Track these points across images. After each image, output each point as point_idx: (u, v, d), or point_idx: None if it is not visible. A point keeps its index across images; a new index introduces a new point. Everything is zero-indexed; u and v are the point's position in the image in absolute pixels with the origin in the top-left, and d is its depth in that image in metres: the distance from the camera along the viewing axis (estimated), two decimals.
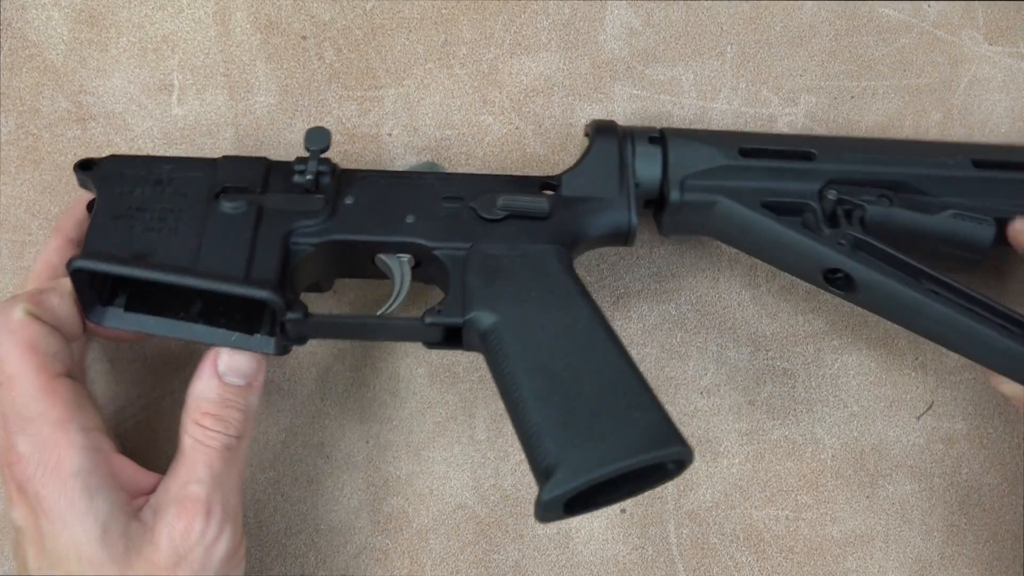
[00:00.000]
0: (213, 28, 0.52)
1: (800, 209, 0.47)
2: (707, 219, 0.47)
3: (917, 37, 0.54)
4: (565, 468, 0.37)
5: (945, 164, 0.48)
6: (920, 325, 0.45)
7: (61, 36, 0.51)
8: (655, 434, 0.38)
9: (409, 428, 0.53)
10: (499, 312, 0.41)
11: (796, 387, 0.54)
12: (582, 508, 0.39)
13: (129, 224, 0.42)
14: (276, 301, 0.40)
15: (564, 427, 0.38)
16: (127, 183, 0.44)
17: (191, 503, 0.40)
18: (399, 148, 0.53)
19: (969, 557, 0.54)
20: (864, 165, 0.48)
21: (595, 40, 0.53)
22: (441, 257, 0.44)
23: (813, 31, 0.54)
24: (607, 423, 0.38)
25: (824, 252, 0.45)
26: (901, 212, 0.47)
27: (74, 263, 0.40)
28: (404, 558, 0.52)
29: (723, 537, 0.53)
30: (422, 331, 0.42)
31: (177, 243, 0.42)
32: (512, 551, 0.52)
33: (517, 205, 0.45)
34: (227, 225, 0.43)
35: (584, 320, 0.41)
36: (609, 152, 0.47)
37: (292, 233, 0.43)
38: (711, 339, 0.54)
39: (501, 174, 0.48)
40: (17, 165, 0.51)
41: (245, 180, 0.44)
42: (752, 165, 0.47)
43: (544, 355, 0.40)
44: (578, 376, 0.40)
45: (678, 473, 0.40)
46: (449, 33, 0.53)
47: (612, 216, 0.46)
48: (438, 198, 0.45)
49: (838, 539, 0.53)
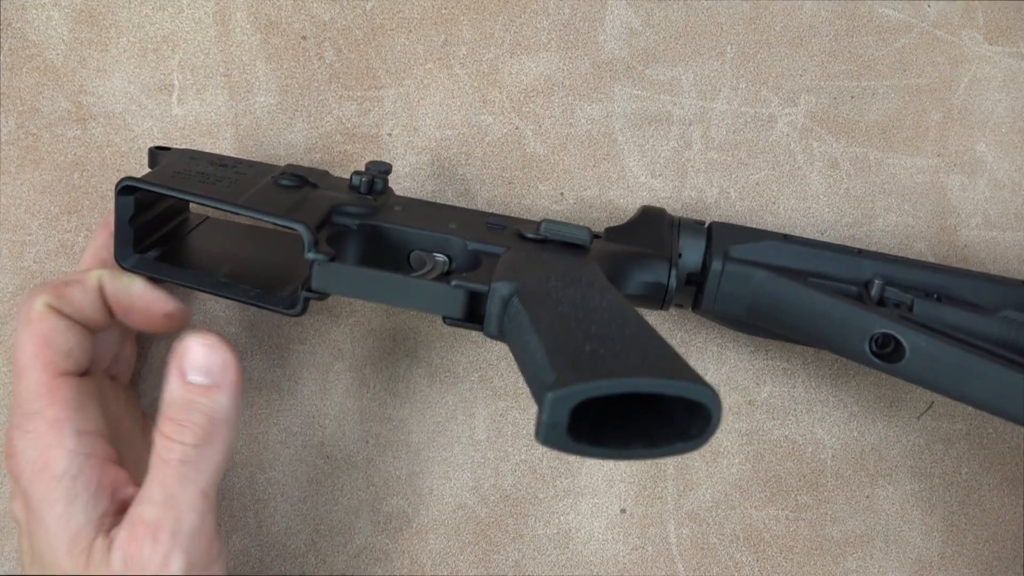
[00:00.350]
0: (213, 28, 0.52)
1: (845, 293, 0.46)
2: (747, 291, 0.46)
3: (917, 37, 0.54)
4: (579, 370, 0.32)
5: (992, 280, 0.47)
6: (974, 389, 0.43)
7: (61, 36, 0.51)
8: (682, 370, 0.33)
9: (409, 428, 0.53)
10: (524, 283, 0.40)
11: (796, 387, 0.54)
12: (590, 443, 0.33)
13: (187, 177, 0.44)
14: (307, 233, 0.40)
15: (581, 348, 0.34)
16: (195, 161, 0.46)
17: (140, 526, 0.38)
18: (399, 148, 0.53)
19: (969, 557, 0.54)
20: (909, 268, 0.47)
21: (595, 40, 0.53)
22: (476, 252, 0.44)
23: (813, 31, 0.54)
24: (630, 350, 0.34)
25: (872, 318, 0.43)
26: (950, 310, 0.45)
27: (124, 180, 0.41)
28: (404, 558, 0.52)
29: (723, 537, 0.53)
30: (446, 295, 0.41)
31: (227, 191, 0.43)
32: (512, 551, 0.52)
33: (559, 230, 0.45)
34: (278, 189, 0.44)
35: (611, 297, 0.39)
36: (656, 219, 0.48)
37: (337, 210, 0.44)
38: (711, 339, 0.54)
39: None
40: (17, 165, 0.51)
41: (304, 174, 0.46)
42: (797, 248, 0.47)
43: (567, 308, 0.37)
44: (602, 322, 0.36)
45: (701, 438, 0.33)
46: (449, 33, 0.53)
47: (651, 272, 0.46)
48: (483, 220, 0.46)
49: (838, 539, 0.53)
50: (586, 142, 0.53)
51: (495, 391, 0.53)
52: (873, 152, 0.54)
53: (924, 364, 0.43)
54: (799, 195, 0.54)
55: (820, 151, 0.54)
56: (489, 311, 0.40)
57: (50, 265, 0.52)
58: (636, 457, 0.34)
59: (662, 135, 0.53)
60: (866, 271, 0.47)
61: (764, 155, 0.54)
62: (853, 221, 0.54)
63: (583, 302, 0.38)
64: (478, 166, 0.53)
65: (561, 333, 0.35)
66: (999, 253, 0.54)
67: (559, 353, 0.33)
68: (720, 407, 0.33)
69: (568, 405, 0.31)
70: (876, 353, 0.44)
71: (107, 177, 0.52)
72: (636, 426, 0.34)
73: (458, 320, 0.41)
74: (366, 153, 0.53)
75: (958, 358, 0.42)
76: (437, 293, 0.41)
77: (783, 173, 0.54)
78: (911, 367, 0.43)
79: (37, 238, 0.52)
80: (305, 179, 0.46)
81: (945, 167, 0.54)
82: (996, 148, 0.54)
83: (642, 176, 0.53)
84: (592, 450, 0.33)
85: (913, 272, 0.47)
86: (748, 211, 0.54)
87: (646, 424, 0.34)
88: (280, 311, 0.42)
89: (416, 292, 0.41)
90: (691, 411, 0.33)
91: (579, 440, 0.32)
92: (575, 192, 0.53)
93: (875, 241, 0.54)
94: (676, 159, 0.53)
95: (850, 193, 0.54)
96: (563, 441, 0.32)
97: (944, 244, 0.54)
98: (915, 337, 0.43)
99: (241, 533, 0.52)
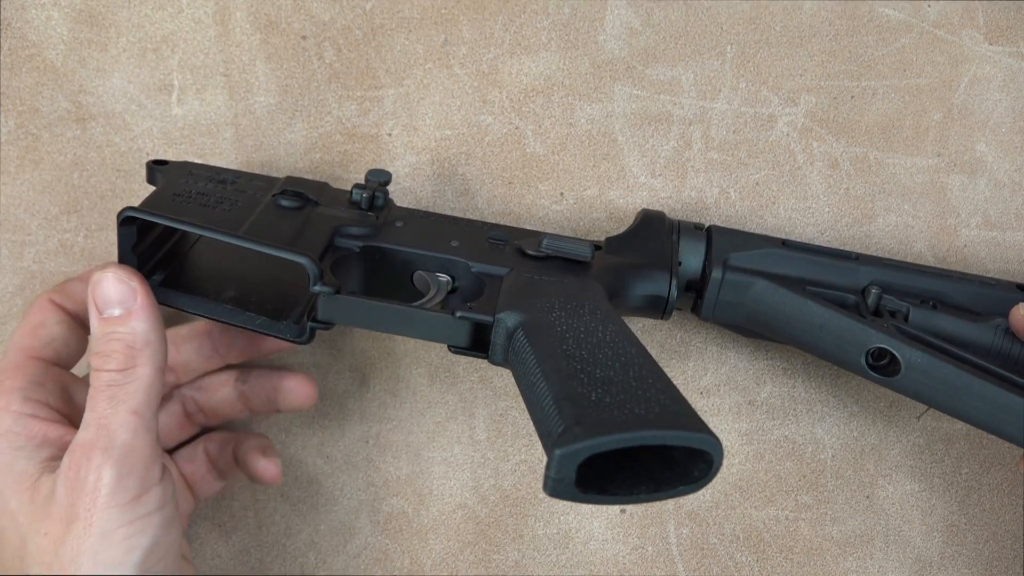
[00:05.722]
0: (213, 28, 0.52)
1: (843, 303, 0.47)
2: (747, 300, 0.46)
3: (917, 37, 0.54)
4: (586, 425, 0.33)
5: (989, 284, 0.48)
6: (967, 406, 0.44)
7: (61, 36, 0.51)
8: (686, 418, 0.35)
9: (409, 428, 0.53)
10: (529, 313, 0.40)
11: (796, 387, 0.54)
12: (596, 491, 0.34)
13: (186, 200, 0.44)
14: (312, 267, 0.40)
15: (587, 397, 0.35)
16: (193, 178, 0.46)
17: (77, 450, 0.39)
18: (399, 148, 0.53)
19: (969, 557, 0.54)
20: (907, 274, 0.48)
21: (595, 40, 0.53)
22: (479, 274, 0.44)
23: (813, 31, 0.54)
24: (635, 400, 0.35)
25: (869, 332, 0.44)
26: (945, 317, 0.46)
27: (125, 211, 0.41)
28: (404, 558, 0.52)
29: (723, 537, 0.53)
30: (451, 326, 0.41)
31: (228, 217, 0.43)
32: (512, 551, 0.52)
33: (560, 246, 0.45)
34: (279, 213, 0.44)
35: (615, 331, 0.40)
36: (656, 227, 0.48)
37: (339, 232, 0.44)
38: (711, 339, 0.54)
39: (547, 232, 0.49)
40: (17, 165, 0.51)
41: (303, 190, 0.46)
42: (795, 255, 0.47)
43: (571, 345, 0.38)
44: (607, 364, 0.37)
45: (704, 480, 0.35)
46: (449, 33, 0.53)
47: (652, 284, 0.46)
48: (485, 235, 0.47)
49: (838, 539, 0.53)
50: (586, 142, 0.53)
51: (495, 391, 0.53)
52: (873, 152, 0.54)
53: (919, 379, 0.44)
54: (799, 195, 0.54)
55: (820, 151, 0.54)
56: (494, 342, 0.41)
57: (50, 265, 0.52)
58: (641, 501, 0.35)
59: (662, 135, 0.53)
60: (864, 278, 0.47)
61: (764, 155, 0.54)
62: (853, 221, 0.54)
63: (587, 337, 0.38)
64: (478, 166, 0.53)
65: (566, 377, 0.35)
66: (999, 253, 0.54)
67: (565, 402, 0.34)
68: (722, 453, 0.34)
69: (575, 461, 0.33)
70: (872, 366, 0.44)
71: (107, 177, 0.52)
72: (640, 466, 0.35)
73: (463, 349, 0.42)
74: (366, 153, 0.53)
75: (952, 375, 0.43)
76: (442, 324, 0.42)
77: (783, 173, 0.54)
78: (906, 381, 0.44)
79: (37, 238, 0.52)
80: (305, 196, 0.45)
81: (945, 167, 0.54)
82: (996, 148, 0.54)
83: (642, 176, 0.53)
84: (599, 498, 0.34)
85: (910, 277, 0.47)
86: (748, 211, 0.54)
87: (650, 464, 0.35)
88: (288, 339, 0.42)
89: (421, 323, 0.42)
90: (694, 454, 0.34)
91: (586, 490, 0.34)
92: (575, 192, 0.53)
93: (875, 241, 0.54)
94: (676, 159, 0.53)
95: (850, 193, 0.54)
96: (571, 493, 0.34)
97: (944, 244, 0.54)
98: (910, 353, 0.43)
99: (241, 533, 0.52)
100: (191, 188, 0.45)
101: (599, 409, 0.34)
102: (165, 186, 0.45)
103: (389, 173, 0.46)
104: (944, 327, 0.46)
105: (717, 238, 0.47)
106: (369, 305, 0.41)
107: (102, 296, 0.41)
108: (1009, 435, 0.43)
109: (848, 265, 0.47)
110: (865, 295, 0.47)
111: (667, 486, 0.35)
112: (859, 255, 0.48)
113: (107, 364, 0.40)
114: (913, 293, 0.47)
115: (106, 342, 0.40)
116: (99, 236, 0.52)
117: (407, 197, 0.53)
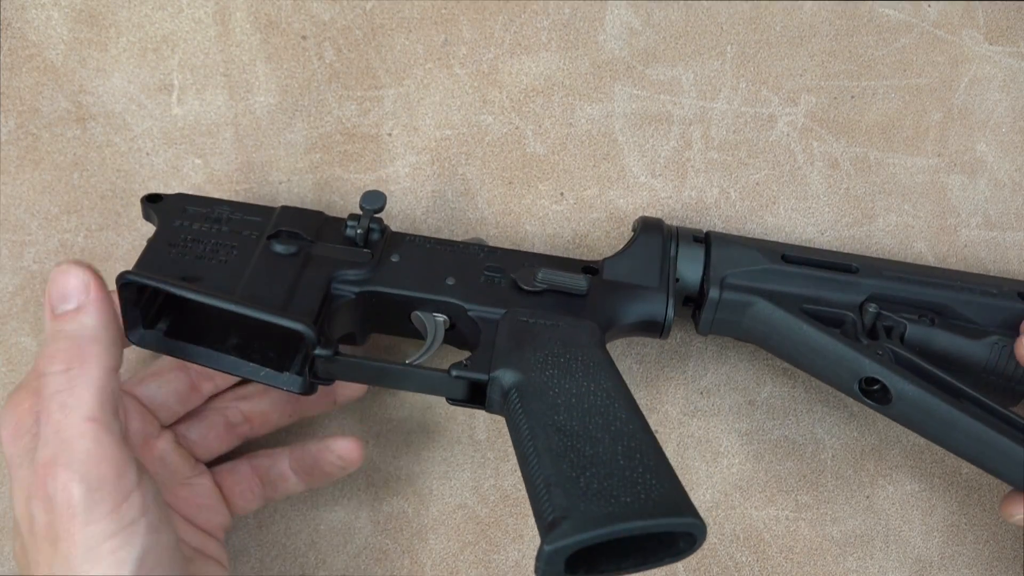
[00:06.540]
0: (213, 28, 0.52)
1: (839, 320, 0.47)
2: (744, 319, 0.47)
3: (917, 37, 0.54)
4: (574, 519, 0.36)
5: (990, 293, 0.48)
6: (954, 441, 0.44)
7: (61, 36, 0.51)
8: (670, 502, 0.37)
9: (409, 429, 0.53)
10: (524, 372, 0.41)
11: (796, 387, 0.54)
12: (584, 571, 0.37)
13: (182, 252, 0.44)
14: (309, 334, 0.41)
15: (576, 482, 0.37)
16: (187, 218, 0.46)
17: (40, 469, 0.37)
18: (399, 148, 0.53)
19: (969, 557, 0.54)
20: (907, 285, 0.48)
21: (595, 40, 0.53)
22: (475, 318, 0.45)
23: (813, 31, 0.54)
24: (622, 485, 0.37)
25: (862, 361, 0.44)
26: (942, 334, 0.46)
27: (124, 276, 0.41)
28: (404, 558, 0.52)
29: (723, 537, 0.53)
30: (447, 383, 0.42)
31: (224, 273, 0.43)
32: (512, 551, 0.52)
33: (556, 280, 0.45)
34: (274, 262, 0.44)
35: (608, 389, 0.41)
36: (653, 244, 0.48)
37: (335, 279, 0.45)
38: (711, 339, 0.54)
39: (544, 254, 0.49)
40: (17, 165, 0.51)
41: (299, 227, 0.46)
42: (794, 271, 0.47)
43: (563, 416, 0.40)
44: (596, 439, 0.39)
45: (689, 552, 0.38)
46: (449, 33, 0.53)
47: (649, 306, 0.47)
48: (480, 267, 0.47)
49: (838, 539, 0.53)
50: (586, 142, 0.53)
51: None
52: (873, 152, 0.54)
53: (909, 411, 0.44)
54: (799, 195, 0.54)
55: (820, 151, 0.54)
56: (490, 397, 0.42)
57: (50, 265, 0.52)
58: (628, 572, 0.38)
59: (662, 135, 0.53)
60: (863, 291, 0.47)
61: (764, 155, 0.54)
62: (853, 221, 0.54)
63: (579, 403, 0.40)
64: (478, 166, 0.53)
65: (557, 457, 0.38)
66: (999, 253, 0.54)
67: (556, 488, 0.37)
68: (705, 533, 0.37)
69: (564, 556, 0.35)
70: (865, 391, 0.45)
71: (107, 177, 0.52)
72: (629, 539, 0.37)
73: (461, 401, 0.43)
74: (366, 153, 0.53)
75: (942, 411, 0.44)
76: (439, 381, 0.43)
77: (783, 173, 0.54)
78: (896, 411, 0.45)
79: (37, 238, 0.52)
80: (301, 237, 0.45)
81: (945, 167, 0.54)
82: (996, 148, 0.54)
83: (642, 176, 0.54)
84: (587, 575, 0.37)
85: (910, 289, 0.48)
86: (748, 211, 0.54)
87: (638, 538, 0.37)
88: (293, 392, 0.43)
89: (418, 380, 0.43)
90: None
91: (575, 570, 0.36)
92: (575, 192, 0.53)
93: (875, 241, 0.54)
94: (676, 159, 0.53)
95: (850, 193, 0.54)
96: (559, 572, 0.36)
97: (944, 244, 0.54)
98: (902, 384, 0.44)
99: (241, 533, 0.52)
100: (186, 234, 0.45)
101: (587, 498, 0.36)
102: (160, 233, 0.45)
103: (384, 197, 0.46)
104: (941, 344, 0.47)
105: (716, 251, 0.47)
106: (368, 365, 0.43)
107: (55, 292, 0.39)
108: (995, 472, 0.44)
109: (848, 279, 0.48)
110: (863, 313, 0.47)
111: (654, 558, 0.38)
112: (860, 264, 0.48)
113: (52, 366, 0.38)
114: (913, 305, 0.48)
115: (53, 341, 0.39)
116: (99, 236, 0.52)
117: (407, 197, 0.53)
